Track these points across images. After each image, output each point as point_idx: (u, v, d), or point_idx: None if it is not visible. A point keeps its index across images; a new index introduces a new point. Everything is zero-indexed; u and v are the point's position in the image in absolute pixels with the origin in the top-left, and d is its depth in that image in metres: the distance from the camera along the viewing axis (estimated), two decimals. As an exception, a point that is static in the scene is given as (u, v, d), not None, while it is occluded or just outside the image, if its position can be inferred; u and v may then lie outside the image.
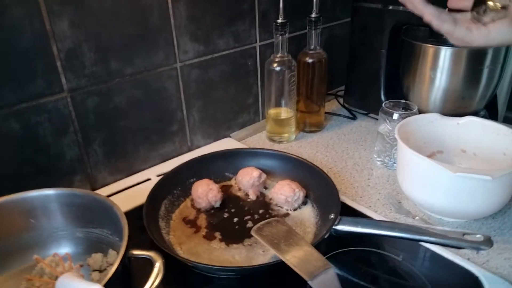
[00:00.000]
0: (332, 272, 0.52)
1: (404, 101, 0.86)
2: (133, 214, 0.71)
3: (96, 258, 0.60)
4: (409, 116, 0.80)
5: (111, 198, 0.78)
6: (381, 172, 0.86)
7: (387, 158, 0.86)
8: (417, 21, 0.59)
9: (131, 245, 0.67)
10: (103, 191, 0.80)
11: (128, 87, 0.78)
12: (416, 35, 0.95)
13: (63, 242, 0.62)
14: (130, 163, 0.84)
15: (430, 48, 0.89)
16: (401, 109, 0.84)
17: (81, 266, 0.61)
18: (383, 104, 0.85)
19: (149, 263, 0.62)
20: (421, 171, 0.68)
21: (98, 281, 0.58)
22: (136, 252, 0.50)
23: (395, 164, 0.86)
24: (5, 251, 0.59)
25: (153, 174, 0.85)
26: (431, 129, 0.79)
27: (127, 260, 0.51)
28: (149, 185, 0.75)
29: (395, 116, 0.82)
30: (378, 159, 0.89)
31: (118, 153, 0.81)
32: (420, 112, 0.82)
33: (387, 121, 0.83)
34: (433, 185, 0.67)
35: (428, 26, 0.55)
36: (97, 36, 0.71)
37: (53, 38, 0.66)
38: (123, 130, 0.80)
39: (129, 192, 0.81)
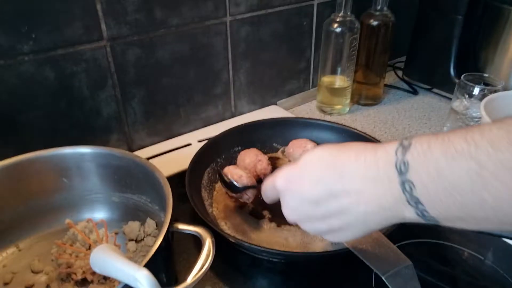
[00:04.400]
0: (411, 269, 0.43)
1: (486, 75, 0.74)
2: (172, 181, 0.65)
3: (133, 227, 0.54)
4: (492, 92, 0.68)
5: (150, 161, 0.72)
6: (450, 155, 0.75)
7: (458, 139, 0.75)
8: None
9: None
10: (140, 154, 0.73)
11: (172, 40, 0.69)
12: (503, -1, 0.82)
13: (98, 206, 0.56)
14: (169, 125, 0.77)
15: (522, 14, 0.76)
16: (481, 84, 0.72)
17: (116, 233, 0.55)
18: (461, 77, 0.73)
19: (191, 239, 0.56)
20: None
21: (135, 252, 0.53)
22: (182, 226, 0.43)
23: (467, 147, 0.75)
24: (35, 211, 0.53)
25: (194, 139, 0.78)
26: (520, 109, 0.67)
27: (170, 235, 0.44)
28: (190, 151, 0.68)
29: (476, 91, 0.71)
30: (447, 140, 0.77)
31: (157, 113, 0.74)
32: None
33: (465, 97, 0.72)
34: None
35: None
36: (142, -22, 0.62)
37: (94, -24, 0.58)
38: (164, 88, 0.72)
39: (168, 156, 0.74)
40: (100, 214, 0.56)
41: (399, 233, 0.55)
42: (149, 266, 0.37)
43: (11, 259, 0.52)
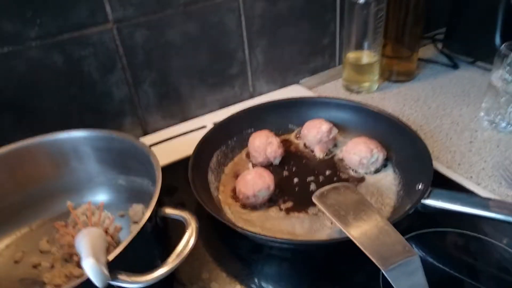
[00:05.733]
0: (416, 262, 0.39)
1: (533, 42, 0.64)
2: (183, 164, 0.64)
3: (137, 210, 0.54)
4: (539, 62, 0.59)
5: (163, 144, 0.72)
6: (488, 135, 0.67)
7: (499, 117, 0.67)
8: None
9: (175, 199, 0.60)
10: (155, 136, 0.73)
11: (181, 20, 0.67)
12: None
13: (104, 189, 0.57)
14: (184, 108, 0.76)
15: None
16: (527, 53, 0.63)
17: (122, 216, 0.56)
18: (502, 46, 0.64)
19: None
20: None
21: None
22: (169, 211, 0.42)
23: (509, 126, 0.66)
24: (46, 194, 0.55)
25: (210, 121, 0.76)
26: None
27: (159, 219, 0.43)
28: (204, 133, 0.67)
29: (519, 61, 0.62)
30: (486, 117, 0.69)
31: (171, 96, 0.73)
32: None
33: (506, 68, 0.63)
34: None
35: None
36: (146, -44, 0.60)
37: (96, -44, 0.57)
38: (176, 69, 0.71)
39: (182, 139, 0.73)
40: (107, 196, 0.57)
41: (418, 221, 0.50)
42: (126, 253, 0.36)
43: (24, 239, 0.54)
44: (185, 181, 0.61)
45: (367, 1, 0.73)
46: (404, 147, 0.59)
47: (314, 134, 0.64)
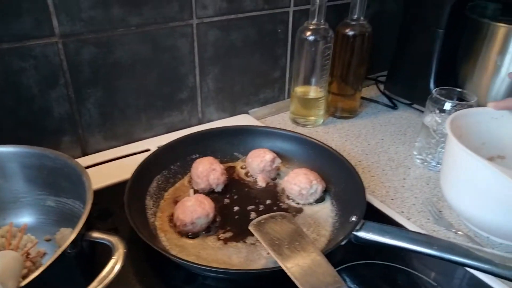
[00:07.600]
0: (343, 293, 0.40)
1: (460, 90, 0.70)
2: (123, 188, 0.62)
3: (64, 234, 0.51)
4: (465, 108, 0.65)
5: (103, 166, 0.69)
6: (420, 173, 0.71)
7: (429, 156, 0.71)
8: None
9: (109, 225, 0.58)
10: (95, 157, 0.71)
11: (132, 40, 0.67)
12: (484, 13, 0.79)
13: (31, 210, 0.53)
14: (129, 130, 0.74)
15: (501, 28, 0.72)
16: (455, 99, 0.69)
17: (49, 240, 0.52)
18: (433, 91, 0.70)
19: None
20: (473, 176, 0.54)
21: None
22: (96, 234, 0.40)
23: (438, 165, 0.71)
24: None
25: (154, 145, 0.75)
26: (494, 128, 0.63)
27: (85, 244, 0.40)
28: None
29: (447, 106, 0.67)
30: (418, 156, 0.74)
31: (116, 116, 0.71)
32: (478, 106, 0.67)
33: (436, 112, 0.69)
34: (487, 195, 0.53)
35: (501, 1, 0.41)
36: (99, -26, 0.60)
37: (45, -31, 0.56)
38: (124, 90, 0.70)
39: (124, 161, 0.71)
40: (33, 218, 0.53)
41: (351, 252, 0.52)
42: (44, 278, 0.34)
43: None
44: (122, 206, 0.59)
45: (316, 39, 0.77)
46: (342, 180, 0.61)
47: (257, 162, 0.65)
